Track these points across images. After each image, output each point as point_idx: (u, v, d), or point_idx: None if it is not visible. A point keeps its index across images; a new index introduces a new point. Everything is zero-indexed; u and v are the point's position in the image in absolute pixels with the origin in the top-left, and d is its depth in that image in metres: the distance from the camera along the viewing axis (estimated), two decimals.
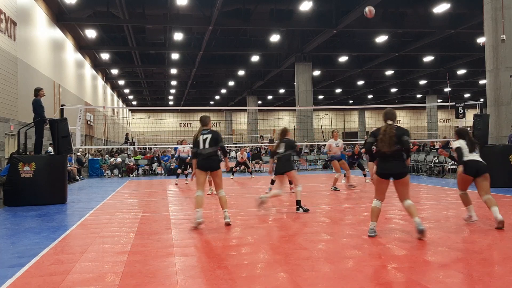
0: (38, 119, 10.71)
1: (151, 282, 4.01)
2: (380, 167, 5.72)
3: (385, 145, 5.57)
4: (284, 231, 6.31)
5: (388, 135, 5.57)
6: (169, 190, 12.85)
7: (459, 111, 13.88)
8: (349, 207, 8.66)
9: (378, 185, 5.83)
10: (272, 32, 23.54)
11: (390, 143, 5.55)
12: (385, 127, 5.67)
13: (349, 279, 3.99)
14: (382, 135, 5.62)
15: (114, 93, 44.83)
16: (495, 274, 4.09)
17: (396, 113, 5.82)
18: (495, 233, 5.87)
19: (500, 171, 11.48)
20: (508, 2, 12.66)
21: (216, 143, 6.80)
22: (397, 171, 5.61)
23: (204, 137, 6.81)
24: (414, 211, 5.62)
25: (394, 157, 5.60)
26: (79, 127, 13.36)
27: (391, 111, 5.82)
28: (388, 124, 5.70)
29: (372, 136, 5.87)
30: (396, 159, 5.62)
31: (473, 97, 46.90)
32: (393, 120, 5.73)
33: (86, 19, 21.99)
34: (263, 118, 54.16)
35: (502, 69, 12.83)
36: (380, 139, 5.62)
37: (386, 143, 5.56)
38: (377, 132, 5.77)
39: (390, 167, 5.62)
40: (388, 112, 5.80)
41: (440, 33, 23.53)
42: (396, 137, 5.57)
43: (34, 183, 9.80)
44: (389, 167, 5.63)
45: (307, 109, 27.53)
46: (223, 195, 6.91)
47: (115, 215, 8.23)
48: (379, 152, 5.70)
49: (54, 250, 5.41)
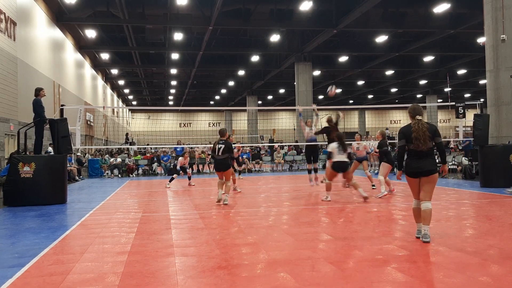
0: (38, 119, 10.70)
1: (151, 282, 4.01)
2: (412, 166, 5.38)
3: (421, 142, 5.27)
4: (284, 231, 6.31)
5: (422, 132, 5.27)
6: (169, 190, 12.85)
7: (459, 111, 13.88)
8: (349, 207, 8.66)
9: (410, 185, 5.52)
10: (272, 32, 23.53)
11: (426, 140, 5.27)
12: (417, 124, 5.34)
13: (349, 279, 3.99)
14: (416, 132, 5.29)
15: (114, 93, 44.82)
16: (495, 275, 4.08)
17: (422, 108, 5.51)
18: (495, 233, 5.86)
19: (500, 171, 11.49)
20: (508, 2, 12.65)
21: (227, 152, 9.13)
22: (428, 168, 5.30)
23: (219, 146, 9.11)
24: (428, 217, 5.31)
25: (428, 155, 5.34)
26: (79, 127, 13.34)
27: (418, 106, 5.51)
28: (418, 120, 5.38)
29: (402, 137, 5.46)
30: (430, 156, 5.36)
31: (473, 97, 46.90)
32: (422, 116, 5.42)
33: (86, 19, 21.98)
34: (263, 118, 54.15)
35: (502, 69, 12.82)
36: (415, 137, 5.29)
37: (421, 140, 5.27)
38: (407, 130, 5.42)
39: (422, 165, 5.31)
40: (416, 108, 5.48)
41: (440, 33, 23.52)
42: (430, 132, 5.31)
43: (34, 183, 9.80)
44: (421, 165, 5.32)
45: (307, 109, 27.50)
46: (229, 185, 9.37)
47: (115, 215, 8.22)
48: (412, 151, 5.39)
49: (54, 250, 5.41)
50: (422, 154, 5.33)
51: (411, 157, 5.42)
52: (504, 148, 11.82)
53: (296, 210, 8.36)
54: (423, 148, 5.30)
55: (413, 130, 5.33)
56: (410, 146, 5.39)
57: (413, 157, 5.38)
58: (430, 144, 5.33)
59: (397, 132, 5.65)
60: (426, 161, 5.32)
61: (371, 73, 37.70)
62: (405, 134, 5.43)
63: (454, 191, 11.22)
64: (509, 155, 11.59)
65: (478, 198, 9.78)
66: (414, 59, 32.43)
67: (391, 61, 31.28)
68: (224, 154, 9.08)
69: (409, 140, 5.37)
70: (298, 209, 8.57)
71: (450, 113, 52.08)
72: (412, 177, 5.43)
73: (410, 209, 8.13)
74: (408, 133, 5.38)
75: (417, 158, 5.35)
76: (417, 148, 5.32)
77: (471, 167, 14.59)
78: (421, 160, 5.33)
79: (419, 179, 5.38)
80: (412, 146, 5.35)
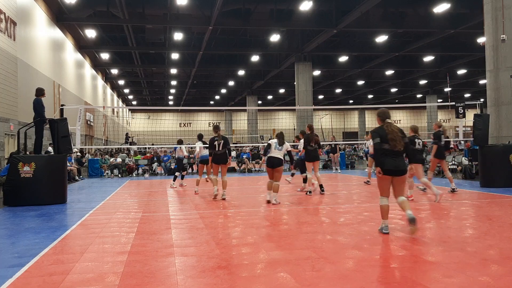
0: (38, 119, 10.70)
1: (151, 282, 4.01)
2: (386, 164, 5.70)
3: (397, 143, 5.69)
4: (284, 231, 6.31)
5: (395, 133, 5.71)
6: (169, 190, 12.85)
7: (459, 111, 13.87)
8: (349, 207, 8.66)
9: (383, 182, 5.84)
10: (272, 32, 23.53)
11: (400, 140, 5.71)
12: (389, 126, 5.78)
13: (349, 279, 3.99)
14: (391, 134, 5.70)
15: (114, 93, 44.83)
16: (495, 275, 4.08)
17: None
18: (495, 233, 5.86)
19: (500, 171, 11.48)
20: (508, 2, 12.65)
21: (225, 146, 10.05)
22: (403, 167, 5.72)
23: (219, 142, 10.02)
24: (407, 205, 5.77)
25: (400, 154, 5.75)
26: (79, 127, 13.35)
27: (387, 110, 5.98)
28: (388, 123, 5.83)
29: (378, 136, 5.80)
30: (402, 156, 5.78)
31: (473, 97, 46.93)
32: (390, 119, 5.91)
33: (86, 19, 21.98)
34: (263, 118, 54.16)
35: (502, 69, 12.82)
36: (391, 138, 5.69)
37: (397, 141, 5.69)
38: (381, 131, 5.79)
39: (397, 165, 5.69)
40: (385, 112, 5.95)
41: (440, 33, 23.53)
42: (401, 134, 5.77)
43: (34, 183, 9.79)
44: (396, 164, 5.69)
45: (307, 109, 27.54)
46: (226, 180, 10.20)
47: (115, 215, 8.22)
48: (387, 151, 5.73)
49: (54, 250, 5.41)
50: (397, 153, 5.74)
51: (386, 156, 5.75)
52: (504, 148, 11.82)
53: (296, 210, 8.36)
54: (399, 148, 5.71)
55: (388, 132, 5.74)
56: (385, 146, 5.76)
57: (389, 156, 5.73)
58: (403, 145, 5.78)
59: (372, 132, 6.01)
60: (401, 161, 5.77)
61: (371, 73, 37.72)
62: (380, 134, 5.81)
63: None
64: (509, 155, 11.58)
65: (478, 198, 9.77)
66: (414, 59, 32.44)
67: (391, 61, 31.29)
68: (224, 148, 10.04)
69: (384, 140, 5.75)
70: (298, 209, 8.57)
71: (450, 113, 52.07)
72: (388, 175, 5.76)
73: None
74: (383, 134, 5.77)
75: (393, 157, 5.72)
76: (393, 148, 5.71)
77: (471, 167, 14.59)
78: (397, 160, 5.73)
79: (391, 177, 5.76)
80: (388, 146, 5.73)
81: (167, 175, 20.03)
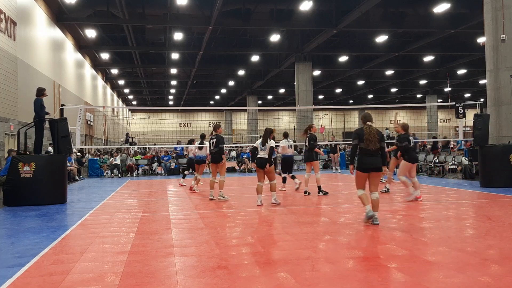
0: (38, 119, 10.70)
1: (151, 282, 4.01)
2: (363, 162, 6.50)
3: (372, 143, 6.44)
4: (284, 231, 6.31)
5: (372, 135, 6.47)
6: (169, 190, 12.85)
7: (459, 111, 13.86)
8: (349, 207, 8.66)
9: (360, 178, 6.59)
10: (272, 32, 23.52)
11: (375, 142, 6.47)
12: (368, 128, 6.56)
13: (349, 279, 3.99)
14: (368, 135, 6.48)
15: (114, 93, 44.81)
16: (495, 275, 4.08)
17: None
18: (495, 233, 5.86)
19: (500, 171, 11.49)
20: (508, 2, 12.65)
21: (217, 145, 9.72)
22: (379, 164, 6.50)
23: (212, 141, 9.77)
24: (378, 205, 6.56)
25: (376, 154, 6.51)
26: (79, 127, 13.34)
27: (369, 114, 6.75)
28: (369, 125, 6.60)
29: (356, 137, 6.60)
30: (377, 155, 6.53)
31: (473, 97, 46.87)
32: (372, 122, 6.65)
33: (86, 19, 21.97)
34: (263, 118, 54.10)
35: (502, 69, 12.82)
36: (367, 138, 6.46)
37: (372, 142, 6.45)
38: (360, 132, 6.58)
39: (374, 162, 6.48)
40: (367, 115, 6.72)
41: (440, 33, 23.51)
42: (378, 136, 6.51)
43: (34, 183, 9.80)
44: (373, 162, 6.48)
45: (307, 109, 27.53)
46: (222, 179, 9.96)
47: (115, 215, 8.22)
48: (363, 150, 6.51)
49: (54, 250, 5.41)
50: (372, 153, 6.49)
51: (363, 155, 6.55)
52: (504, 148, 11.82)
53: (296, 210, 8.36)
54: (372, 148, 6.46)
55: (365, 133, 6.52)
56: (361, 145, 6.53)
57: (365, 155, 6.51)
58: (378, 146, 6.51)
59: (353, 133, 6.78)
60: (377, 159, 6.51)
61: (371, 73, 37.70)
62: (359, 135, 6.60)
63: (454, 191, 11.22)
64: (509, 155, 11.58)
65: (478, 198, 9.78)
66: (414, 59, 32.42)
67: (391, 61, 31.27)
68: (216, 147, 9.74)
69: (361, 140, 6.53)
70: (298, 209, 8.57)
71: (450, 113, 52.02)
72: (364, 172, 6.53)
73: (410, 209, 8.16)
74: (361, 134, 6.56)
75: (369, 156, 6.49)
76: (367, 147, 6.47)
77: (471, 167, 14.59)
78: (372, 158, 6.49)
79: (368, 174, 6.52)
80: (363, 145, 6.49)
81: (167, 175, 20.04)
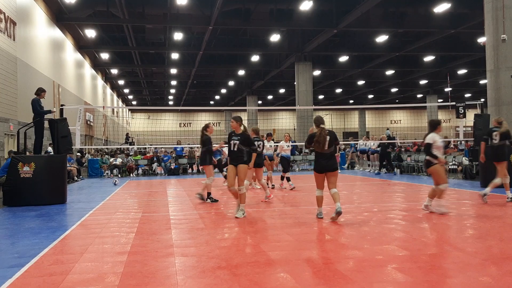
0: (37, 119, 10.69)
1: (151, 282, 4.01)
2: (319, 164, 6.87)
3: (321, 145, 6.75)
4: (284, 231, 6.30)
5: (322, 137, 6.75)
6: (169, 190, 12.85)
7: (459, 111, 13.88)
8: (349, 207, 8.65)
9: (317, 178, 6.99)
10: (272, 32, 23.52)
11: (325, 144, 6.76)
12: (320, 131, 6.82)
13: (349, 279, 3.98)
14: (318, 137, 6.76)
15: (114, 93, 44.81)
16: (495, 275, 4.08)
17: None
18: (495, 233, 5.86)
19: None
20: (508, 2, 12.65)
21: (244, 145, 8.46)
22: (335, 166, 6.91)
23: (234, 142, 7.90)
24: (338, 197, 6.83)
25: (331, 156, 6.86)
26: (78, 127, 13.35)
27: (321, 117, 7.05)
28: (321, 128, 6.85)
29: (307, 141, 7.00)
30: (332, 157, 6.89)
31: (474, 97, 46.85)
32: (324, 124, 6.91)
33: (86, 19, 21.97)
34: (263, 118, 54.11)
35: (503, 69, 12.81)
36: (316, 140, 6.76)
37: (321, 144, 6.74)
38: (312, 135, 6.91)
39: (328, 164, 6.83)
40: (319, 119, 7.00)
41: (441, 33, 23.51)
42: (331, 138, 6.80)
43: (34, 183, 9.79)
44: (327, 164, 6.83)
45: (307, 109, 27.52)
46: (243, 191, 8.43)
47: (115, 215, 8.22)
48: (317, 152, 6.85)
49: (54, 250, 5.40)
50: (326, 155, 6.83)
51: (318, 157, 6.90)
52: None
53: (296, 210, 8.35)
54: (323, 150, 6.78)
55: (316, 136, 6.81)
56: (315, 147, 6.85)
57: (320, 158, 6.87)
58: (332, 148, 6.84)
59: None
60: (331, 160, 6.87)
61: (371, 73, 37.70)
62: (310, 137, 6.95)
63: (454, 191, 11.20)
64: (509, 155, 11.55)
65: (478, 198, 9.77)
66: (414, 59, 32.42)
67: (391, 61, 31.26)
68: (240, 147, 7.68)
69: (310, 142, 6.90)
70: (298, 209, 8.56)
71: (450, 113, 52.03)
72: (320, 173, 6.92)
73: (410, 209, 8.16)
74: (312, 136, 6.89)
75: (324, 159, 6.83)
76: (318, 150, 6.80)
77: (471, 167, 14.58)
78: (327, 160, 6.83)
79: (324, 174, 6.90)
80: (316, 147, 6.81)
81: (167, 175, 20.03)
